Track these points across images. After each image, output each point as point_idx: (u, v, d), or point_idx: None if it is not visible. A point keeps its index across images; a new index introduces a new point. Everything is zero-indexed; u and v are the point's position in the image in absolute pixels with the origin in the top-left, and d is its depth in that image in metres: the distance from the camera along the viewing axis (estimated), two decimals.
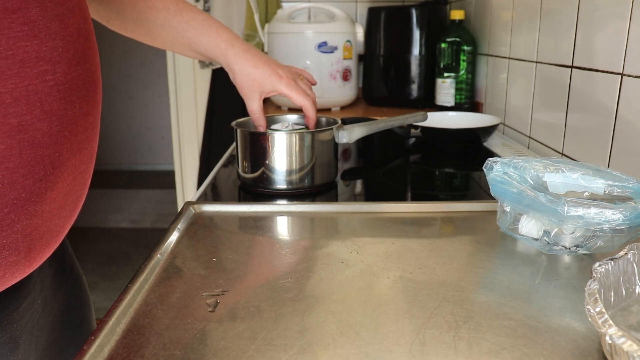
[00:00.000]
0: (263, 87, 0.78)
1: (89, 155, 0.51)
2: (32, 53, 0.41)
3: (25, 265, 0.45)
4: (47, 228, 0.46)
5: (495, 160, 0.59)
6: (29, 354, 0.52)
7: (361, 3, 1.85)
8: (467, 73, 1.46)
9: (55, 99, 0.43)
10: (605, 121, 0.82)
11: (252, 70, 0.77)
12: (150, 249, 0.57)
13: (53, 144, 0.44)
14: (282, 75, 0.78)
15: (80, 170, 0.49)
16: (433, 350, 0.40)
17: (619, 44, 0.77)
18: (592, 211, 0.49)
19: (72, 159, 0.47)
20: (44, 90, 0.42)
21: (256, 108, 0.79)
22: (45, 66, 0.42)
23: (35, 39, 0.41)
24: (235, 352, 0.40)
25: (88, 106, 0.48)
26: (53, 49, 0.43)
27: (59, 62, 0.43)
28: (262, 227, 0.66)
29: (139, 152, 4.39)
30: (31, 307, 0.52)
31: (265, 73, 0.77)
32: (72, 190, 0.49)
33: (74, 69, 0.45)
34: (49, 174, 0.44)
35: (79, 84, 0.46)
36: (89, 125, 0.49)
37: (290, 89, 0.78)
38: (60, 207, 0.47)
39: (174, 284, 0.50)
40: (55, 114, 0.43)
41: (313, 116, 0.81)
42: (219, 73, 1.89)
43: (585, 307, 0.37)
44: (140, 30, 0.75)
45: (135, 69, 4.19)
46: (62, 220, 0.49)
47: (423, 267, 0.53)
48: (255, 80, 0.77)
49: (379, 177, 0.94)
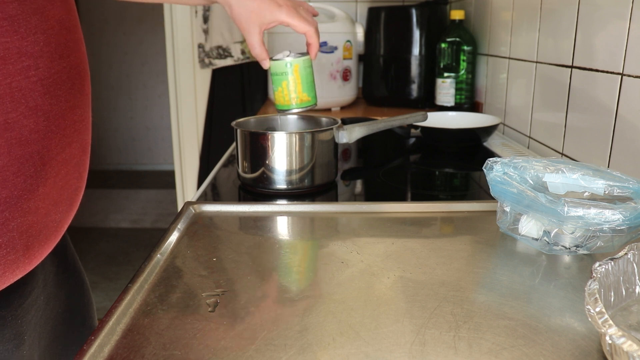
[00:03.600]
0: (262, 19, 0.75)
1: (81, 148, 0.50)
2: (13, 49, 0.40)
3: (25, 262, 0.45)
4: (43, 224, 0.46)
5: (495, 161, 0.59)
6: (33, 350, 0.52)
7: (361, 3, 1.85)
8: (467, 73, 1.46)
9: (40, 94, 0.43)
10: (605, 121, 0.82)
11: (249, 2, 0.74)
12: (150, 249, 0.57)
13: (41, 139, 0.43)
14: (281, 3, 0.75)
15: (73, 163, 0.49)
16: (433, 350, 0.39)
17: (619, 44, 0.77)
18: (592, 211, 0.49)
19: (62, 153, 0.46)
20: (27, 86, 0.41)
21: (256, 41, 0.76)
22: (27, 61, 0.41)
23: (15, 34, 0.40)
24: (235, 352, 0.40)
25: (75, 99, 0.48)
26: (34, 43, 0.42)
27: (41, 56, 0.43)
28: (262, 227, 0.66)
29: (139, 152, 4.39)
30: (35, 304, 0.52)
31: (264, 3, 0.74)
32: (67, 184, 0.48)
33: (57, 62, 0.45)
34: (39, 170, 0.43)
35: (63, 77, 0.45)
36: (77, 118, 0.48)
37: (291, 16, 0.75)
38: (55, 202, 0.47)
39: (174, 284, 0.50)
40: (41, 109, 0.43)
41: (316, 43, 0.79)
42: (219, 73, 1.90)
43: (585, 307, 0.37)
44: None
45: (135, 69, 4.19)
46: (59, 215, 0.48)
47: (423, 267, 0.53)
48: (253, 12, 0.74)
49: (379, 177, 0.94)
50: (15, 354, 0.49)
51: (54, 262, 0.57)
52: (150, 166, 4.39)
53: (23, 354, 0.50)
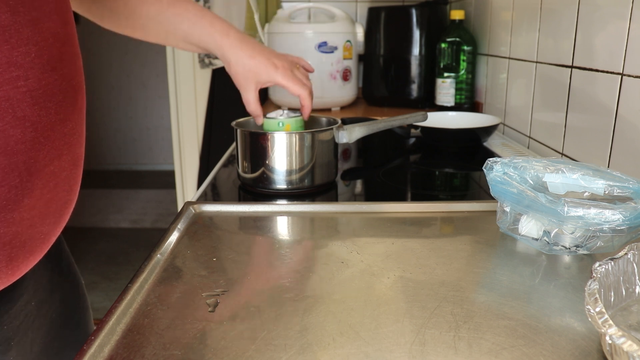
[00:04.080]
0: (259, 78, 0.77)
1: (72, 161, 0.49)
2: (2, 59, 0.40)
3: (8, 274, 0.44)
4: (28, 236, 0.45)
5: (495, 161, 0.59)
6: (23, 356, 0.52)
7: (361, 3, 1.85)
8: (467, 73, 1.46)
9: (29, 105, 0.42)
10: (605, 121, 0.82)
11: (247, 60, 0.76)
12: (150, 249, 0.57)
13: (28, 150, 0.43)
14: (278, 65, 0.77)
15: (63, 176, 0.48)
16: (433, 350, 0.39)
17: (619, 44, 0.77)
18: (592, 211, 0.49)
19: (50, 165, 0.46)
20: (15, 97, 0.41)
21: (252, 98, 0.79)
22: (16, 72, 0.41)
23: (5, 44, 0.40)
24: (235, 352, 0.40)
25: (66, 112, 0.47)
26: (25, 54, 0.42)
27: (31, 67, 0.42)
28: (262, 227, 0.66)
29: (139, 152, 4.39)
30: (24, 309, 0.52)
31: (261, 63, 0.76)
32: (55, 197, 0.48)
33: (48, 74, 0.44)
34: (25, 181, 0.43)
35: (54, 90, 0.45)
36: (68, 131, 0.48)
37: (286, 79, 0.77)
38: (42, 214, 0.46)
39: (174, 284, 0.50)
40: (28, 120, 0.42)
41: (309, 105, 0.81)
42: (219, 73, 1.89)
43: (585, 307, 0.37)
44: (134, 26, 0.75)
45: (135, 69, 4.19)
46: (46, 228, 0.48)
47: (423, 267, 0.53)
48: (251, 71, 0.77)
49: (379, 177, 0.94)
50: (1, 359, 0.49)
51: (47, 267, 0.57)
52: (150, 166, 4.39)
53: (10, 359, 0.50)
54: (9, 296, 0.49)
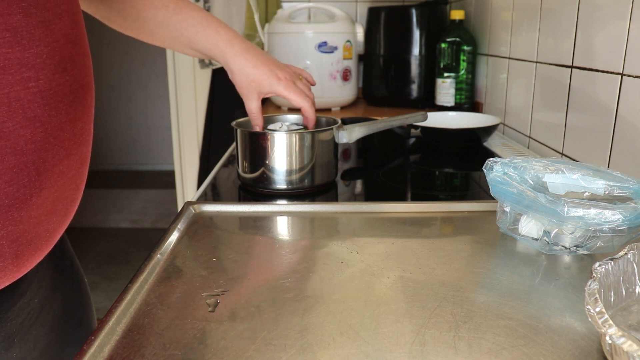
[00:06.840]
0: (261, 88, 0.78)
1: (79, 160, 0.50)
2: (13, 60, 0.40)
3: (13, 270, 0.45)
4: (35, 234, 0.46)
5: (495, 161, 0.59)
6: (26, 353, 0.52)
7: (361, 3, 1.85)
8: (467, 73, 1.46)
9: (39, 106, 0.42)
10: (605, 121, 0.82)
11: (251, 70, 0.77)
12: (150, 249, 0.57)
13: (37, 150, 0.43)
14: (280, 76, 0.78)
15: (70, 175, 0.48)
16: (433, 350, 0.40)
17: (619, 44, 0.77)
18: (592, 212, 0.49)
19: (59, 165, 0.46)
20: (26, 97, 0.41)
21: (254, 108, 0.79)
22: (27, 73, 0.41)
23: (17, 45, 0.40)
24: (235, 352, 0.40)
25: (76, 112, 0.47)
26: (37, 55, 0.42)
27: (43, 68, 0.42)
28: (262, 227, 0.66)
29: (139, 152, 4.39)
30: (27, 307, 0.52)
31: (264, 74, 0.77)
32: (62, 195, 0.48)
33: (59, 75, 0.44)
34: (34, 180, 0.43)
35: (65, 90, 0.45)
36: (78, 130, 0.48)
37: (288, 90, 0.78)
38: (49, 212, 0.47)
39: (174, 284, 0.50)
40: (39, 120, 0.42)
41: (312, 117, 0.81)
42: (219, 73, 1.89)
43: (585, 307, 0.37)
44: (140, 29, 0.75)
45: (135, 69, 4.19)
46: (52, 225, 0.48)
47: (423, 267, 0.53)
48: (253, 81, 0.77)
49: (379, 177, 0.94)
50: (4, 356, 0.49)
51: (50, 265, 0.57)
52: (150, 166, 4.39)
53: (13, 356, 0.50)
54: (11, 293, 0.49)
